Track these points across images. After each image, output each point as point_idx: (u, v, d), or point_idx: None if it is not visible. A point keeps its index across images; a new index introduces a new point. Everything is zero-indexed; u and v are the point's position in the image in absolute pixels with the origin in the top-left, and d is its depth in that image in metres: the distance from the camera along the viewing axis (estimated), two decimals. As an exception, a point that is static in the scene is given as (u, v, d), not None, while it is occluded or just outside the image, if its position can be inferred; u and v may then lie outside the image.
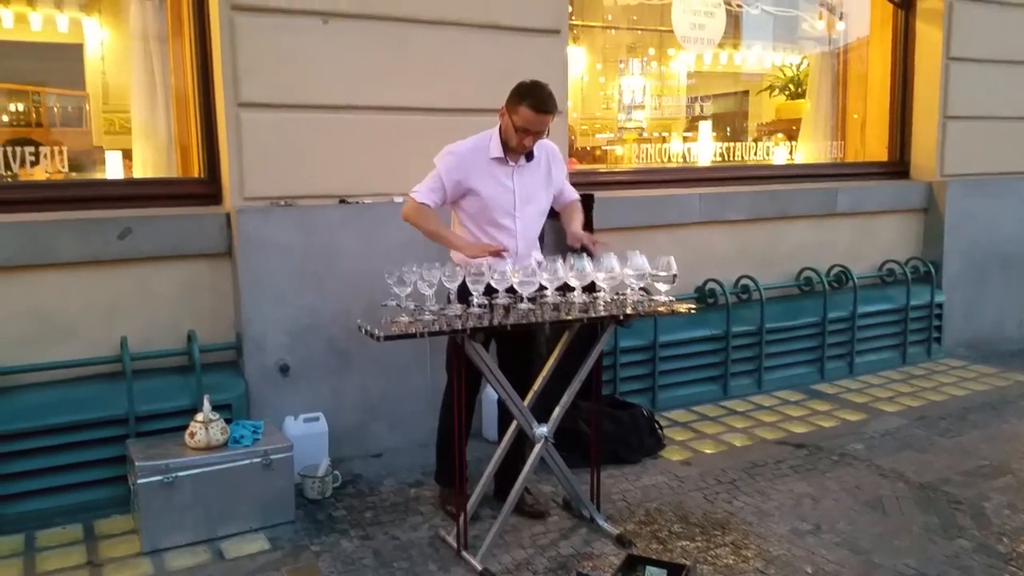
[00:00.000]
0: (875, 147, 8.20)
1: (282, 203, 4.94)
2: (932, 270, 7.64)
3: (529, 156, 4.26)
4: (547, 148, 4.37)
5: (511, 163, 4.21)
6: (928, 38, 7.72)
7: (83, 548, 4.11)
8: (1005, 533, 4.24)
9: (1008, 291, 8.23)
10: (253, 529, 4.27)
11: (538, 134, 4.13)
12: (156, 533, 4.07)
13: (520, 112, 4.02)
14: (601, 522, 4.28)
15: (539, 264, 3.91)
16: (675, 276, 3.96)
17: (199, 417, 4.29)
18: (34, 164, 5.03)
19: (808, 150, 8.40)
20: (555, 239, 4.62)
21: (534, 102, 4.00)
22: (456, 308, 3.79)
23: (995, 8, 7.76)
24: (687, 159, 8.03)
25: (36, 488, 4.43)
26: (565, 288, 3.93)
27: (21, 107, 6.22)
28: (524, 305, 3.80)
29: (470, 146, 4.20)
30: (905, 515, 4.46)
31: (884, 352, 7.45)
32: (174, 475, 4.08)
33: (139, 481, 4.04)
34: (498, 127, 4.20)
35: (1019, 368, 7.32)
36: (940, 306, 7.74)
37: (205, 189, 5.14)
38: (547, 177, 4.36)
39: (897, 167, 8.04)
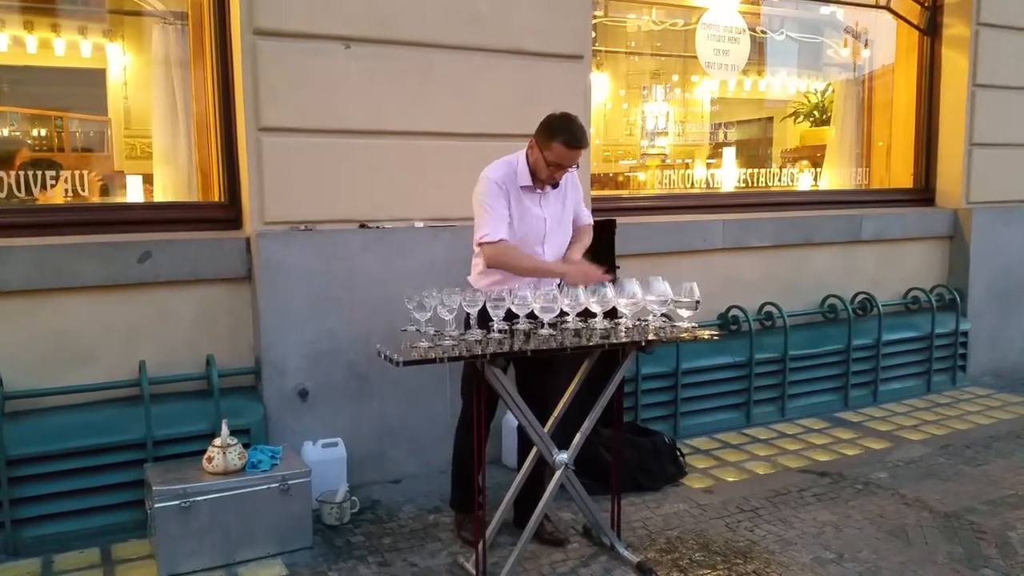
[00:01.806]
0: (900, 174, 8.15)
1: (302, 227, 4.94)
2: (957, 298, 7.57)
3: (555, 183, 4.25)
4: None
5: (538, 190, 4.20)
6: (954, 65, 7.68)
7: (100, 572, 4.09)
8: (1032, 564, 4.19)
9: (1035, 320, 8.15)
10: (270, 555, 4.24)
11: (569, 167, 4.13)
12: (173, 558, 4.05)
13: (554, 148, 4.01)
14: (621, 550, 4.23)
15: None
16: (698, 302, 3.94)
17: (217, 442, 4.28)
18: (54, 188, 5.05)
19: (833, 177, 8.36)
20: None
21: (568, 139, 4.00)
22: (476, 333, 3.76)
23: (1021, 35, 7.70)
24: (710, 185, 8.00)
25: (54, 512, 4.42)
26: (586, 314, 3.91)
27: (43, 132, 6.25)
28: (545, 331, 3.77)
29: (503, 172, 4.15)
30: (929, 544, 4.39)
31: (909, 380, 7.37)
32: (191, 500, 4.06)
33: (156, 505, 4.02)
34: (524, 154, 4.19)
35: (1047, 397, 7.24)
36: (965, 334, 7.67)
37: (225, 213, 5.15)
38: (566, 201, 4.35)
39: (922, 194, 7.99)
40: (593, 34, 6.31)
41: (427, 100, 5.22)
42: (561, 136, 4.00)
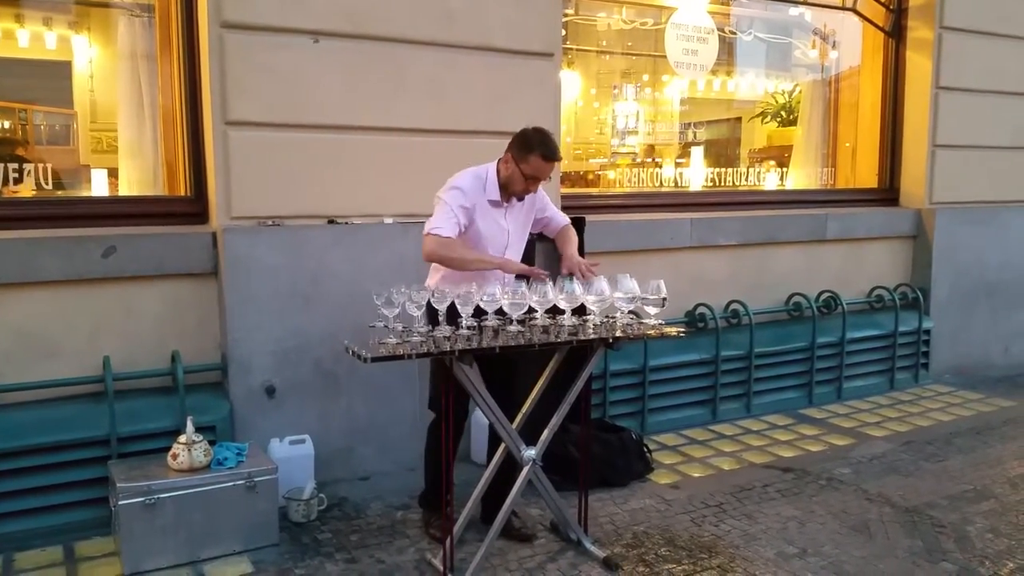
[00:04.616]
0: (865, 174, 8.22)
1: (270, 223, 4.91)
2: (920, 296, 7.66)
3: (522, 197, 4.26)
4: None
5: (504, 204, 4.20)
6: (918, 67, 7.75)
7: (63, 570, 4.05)
8: (988, 556, 4.26)
9: (994, 318, 8.24)
10: (236, 552, 4.21)
11: (544, 179, 4.16)
12: (137, 555, 4.02)
13: (531, 162, 4.04)
14: (588, 545, 4.24)
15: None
16: (665, 300, 3.96)
17: (182, 438, 4.24)
18: (19, 181, 4.99)
19: (799, 176, 8.42)
20: (545, 262, 4.59)
21: (545, 152, 4.04)
22: (445, 330, 3.76)
23: (983, 39, 7.79)
24: (679, 184, 8.04)
25: (15, 509, 4.37)
26: (555, 311, 3.91)
27: (7, 124, 6.17)
28: (513, 327, 3.77)
29: (470, 183, 4.13)
30: (890, 539, 4.45)
31: (872, 377, 7.44)
32: (156, 497, 4.02)
33: (120, 503, 3.98)
34: (494, 167, 4.18)
35: (1004, 394, 7.35)
36: (928, 332, 7.76)
37: (191, 208, 5.11)
38: (529, 212, 4.37)
39: (887, 194, 8.06)
40: (564, 32, 6.32)
41: (397, 96, 5.20)
42: (539, 149, 4.04)
